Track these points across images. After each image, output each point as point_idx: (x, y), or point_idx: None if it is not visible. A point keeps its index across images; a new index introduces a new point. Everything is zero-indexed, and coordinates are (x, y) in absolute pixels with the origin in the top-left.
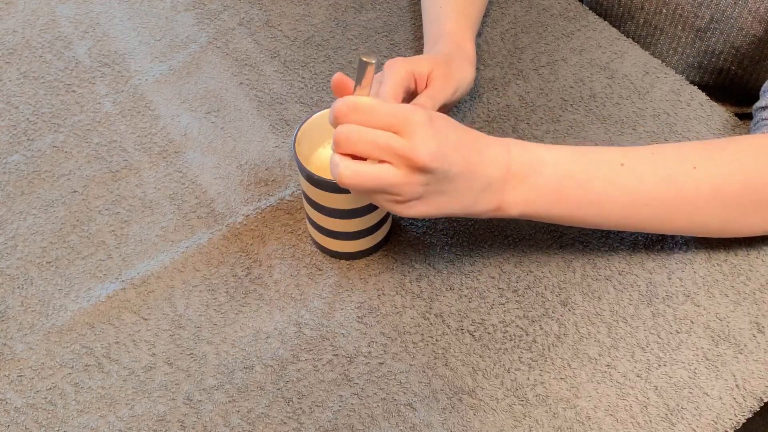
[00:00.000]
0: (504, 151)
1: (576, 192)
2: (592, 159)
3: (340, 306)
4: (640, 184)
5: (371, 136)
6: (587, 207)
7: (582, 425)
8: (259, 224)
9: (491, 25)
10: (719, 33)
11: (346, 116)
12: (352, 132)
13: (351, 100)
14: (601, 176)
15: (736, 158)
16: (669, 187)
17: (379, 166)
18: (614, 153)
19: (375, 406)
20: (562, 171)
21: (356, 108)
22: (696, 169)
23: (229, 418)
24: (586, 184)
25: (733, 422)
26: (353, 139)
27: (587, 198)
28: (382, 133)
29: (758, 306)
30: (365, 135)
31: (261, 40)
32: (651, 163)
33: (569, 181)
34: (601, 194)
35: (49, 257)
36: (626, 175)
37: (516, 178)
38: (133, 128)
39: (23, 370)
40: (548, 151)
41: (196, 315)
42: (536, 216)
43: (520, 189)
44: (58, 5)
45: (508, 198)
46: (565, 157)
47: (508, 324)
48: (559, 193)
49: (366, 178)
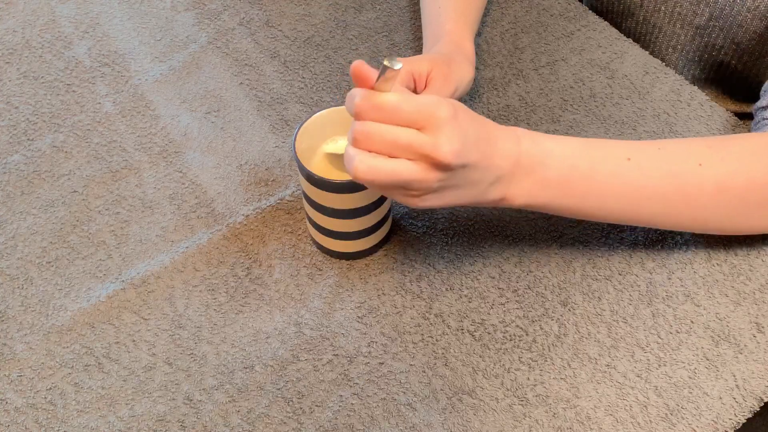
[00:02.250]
0: (514, 143)
1: (581, 185)
2: (598, 152)
3: (340, 306)
4: (646, 179)
5: (392, 135)
6: (591, 200)
7: (582, 425)
8: (259, 224)
9: (491, 25)
10: (719, 30)
11: (367, 114)
12: (373, 131)
13: (374, 97)
14: (607, 170)
15: (740, 156)
16: (674, 183)
17: (395, 161)
18: (621, 147)
19: (375, 406)
20: (569, 164)
21: (380, 107)
22: (701, 165)
23: (229, 418)
24: (591, 178)
25: (733, 422)
26: (373, 138)
27: (592, 191)
28: (403, 131)
29: (758, 306)
30: (386, 135)
31: (261, 40)
32: (657, 159)
33: (574, 174)
34: (606, 188)
35: (49, 257)
36: (632, 170)
37: (523, 169)
38: (133, 128)
39: (23, 370)
40: (556, 144)
41: (196, 315)
42: (539, 207)
43: (526, 181)
44: (58, 5)
45: (514, 189)
46: (573, 149)
47: (508, 324)
48: (564, 185)
49: (382, 174)
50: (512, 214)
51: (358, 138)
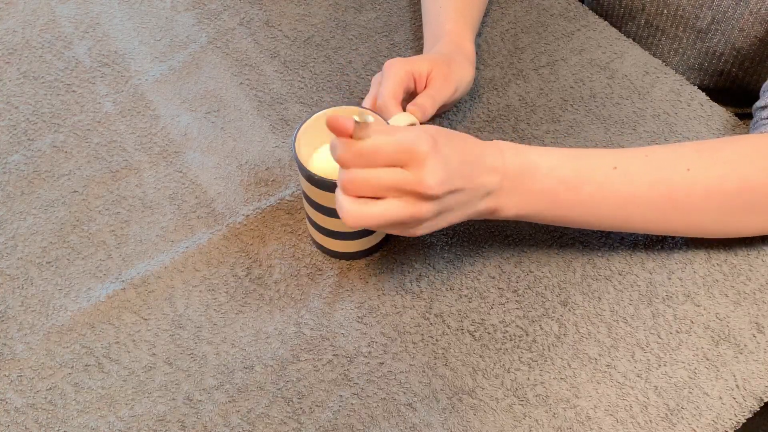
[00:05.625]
0: (498, 156)
1: (568, 196)
2: (584, 163)
3: (340, 306)
4: (632, 187)
5: (376, 179)
6: (580, 210)
7: (582, 425)
8: (259, 224)
9: (491, 25)
10: (720, 34)
11: (350, 162)
12: (358, 178)
13: (354, 146)
14: (594, 180)
15: (731, 159)
16: (661, 189)
17: (384, 203)
18: (607, 156)
19: (375, 406)
20: (555, 176)
21: (360, 154)
22: (689, 170)
23: (229, 418)
24: (578, 188)
25: (733, 422)
26: (359, 184)
27: (580, 201)
28: (386, 173)
29: (758, 306)
30: (370, 180)
31: (261, 40)
32: (644, 166)
33: (561, 186)
34: (594, 198)
35: (49, 257)
36: (618, 179)
37: (510, 182)
38: (133, 128)
39: (23, 370)
40: (540, 156)
41: (196, 315)
42: (530, 218)
43: (514, 193)
44: (58, 5)
45: (503, 201)
46: (558, 161)
47: (508, 324)
48: (552, 196)
49: (372, 218)
50: None
51: (345, 186)
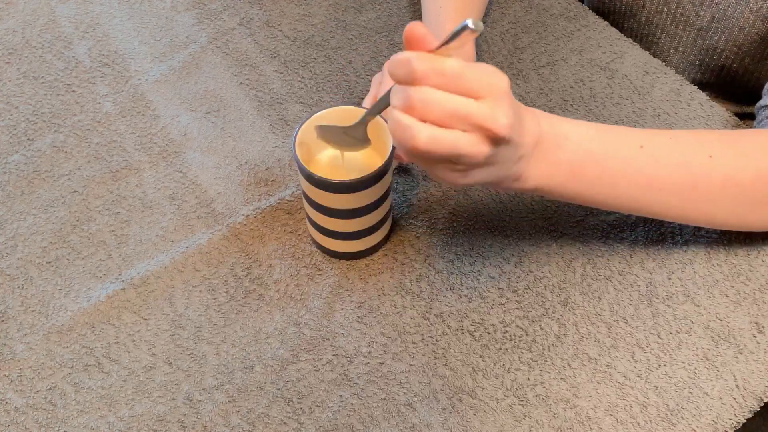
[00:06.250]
0: (535, 123)
1: (593, 170)
2: (612, 138)
3: (340, 306)
4: (657, 168)
5: (453, 105)
6: (602, 186)
7: (582, 425)
8: (259, 224)
9: (491, 25)
10: (720, 32)
11: (429, 79)
12: (433, 98)
13: (437, 62)
14: (620, 156)
15: (750, 151)
16: (684, 173)
17: (455, 132)
18: (635, 134)
19: (375, 406)
20: (584, 147)
21: (442, 72)
22: (711, 157)
23: (229, 418)
24: (604, 163)
25: (733, 422)
26: (431, 107)
27: (603, 177)
28: (463, 101)
29: (758, 306)
30: (446, 104)
31: (261, 40)
32: (669, 148)
33: (588, 158)
34: (618, 174)
35: (49, 257)
36: (644, 158)
37: (541, 150)
38: (133, 128)
39: (23, 370)
40: (572, 127)
41: (196, 315)
42: (549, 190)
43: (541, 161)
44: (58, 5)
45: (531, 169)
46: (588, 134)
47: (508, 324)
48: (576, 169)
49: (443, 146)
50: (512, 214)
51: (413, 105)
